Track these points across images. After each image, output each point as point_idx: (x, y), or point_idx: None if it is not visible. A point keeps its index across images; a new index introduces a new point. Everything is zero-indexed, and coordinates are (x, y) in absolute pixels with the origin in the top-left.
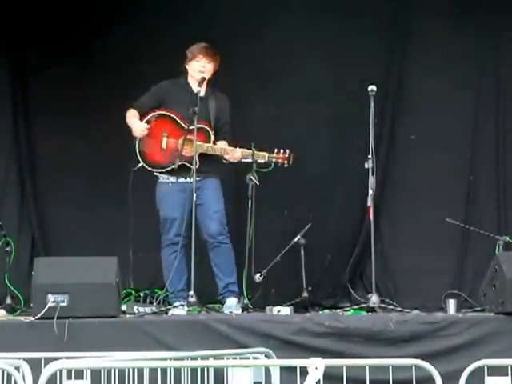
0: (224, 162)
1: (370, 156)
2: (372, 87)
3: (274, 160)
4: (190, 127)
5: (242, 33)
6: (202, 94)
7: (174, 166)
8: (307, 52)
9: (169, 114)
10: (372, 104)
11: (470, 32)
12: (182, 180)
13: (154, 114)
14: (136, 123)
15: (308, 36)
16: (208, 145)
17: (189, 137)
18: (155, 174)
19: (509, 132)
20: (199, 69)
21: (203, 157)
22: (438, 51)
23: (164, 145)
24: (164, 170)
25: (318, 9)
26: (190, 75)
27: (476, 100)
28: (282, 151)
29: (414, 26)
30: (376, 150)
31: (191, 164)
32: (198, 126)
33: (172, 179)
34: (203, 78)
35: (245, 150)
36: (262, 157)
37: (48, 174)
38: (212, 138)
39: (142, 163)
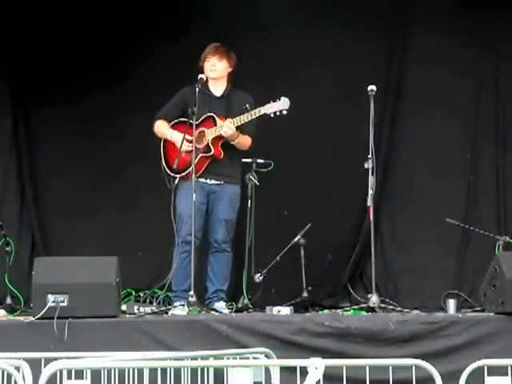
0: (233, 143)
1: (369, 156)
2: (372, 87)
3: (270, 110)
4: (193, 123)
5: (243, 35)
6: (221, 93)
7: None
8: (308, 53)
9: (184, 119)
10: (372, 104)
11: (470, 32)
12: (202, 180)
13: (173, 122)
14: (176, 136)
15: (309, 37)
16: (212, 129)
17: (199, 130)
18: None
19: (509, 132)
20: (210, 68)
21: (227, 159)
22: (437, 51)
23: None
24: (183, 174)
25: (318, 11)
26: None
27: (476, 100)
28: (276, 99)
29: (414, 27)
30: (376, 150)
31: (215, 159)
32: (206, 115)
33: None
34: (201, 79)
35: (233, 119)
36: (258, 111)
37: (48, 174)
38: (220, 123)
39: (177, 178)
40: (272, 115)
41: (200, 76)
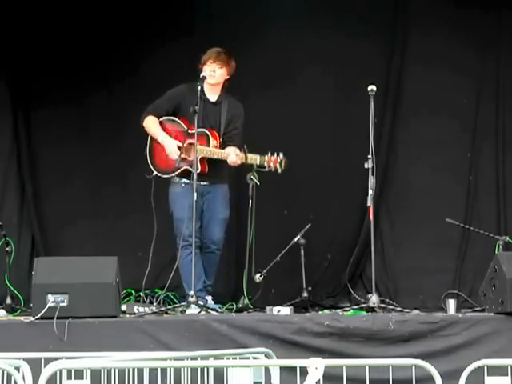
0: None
1: (369, 156)
2: (372, 87)
3: (265, 163)
4: (190, 131)
5: (244, 36)
6: (215, 99)
7: (175, 169)
8: (308, 53)
9: (177, 120)
10: (372, 104)
11: (470, 33)
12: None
13: (164, 118)
14: (168, 143)
15: (310, 38)
16: (208, 149)
17: (190, 141)
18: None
19: (509, 132)
20: (209, 73)
21: (211, 162)
22: (437, 51)
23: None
24: (174, 174)
25: (319, 13)
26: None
27: (476, 100)
28: (275, 154)
29: (414, 27)
30: (376, 150)
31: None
32: (199, 130)
33: (185, 180)
34: (204, 77)
35: (239, 153)
36: (254, 159)
37: (48, 174)
38: (213, 143)
39: (155, 173)
40: (266, 169)
41: (202, 74)
